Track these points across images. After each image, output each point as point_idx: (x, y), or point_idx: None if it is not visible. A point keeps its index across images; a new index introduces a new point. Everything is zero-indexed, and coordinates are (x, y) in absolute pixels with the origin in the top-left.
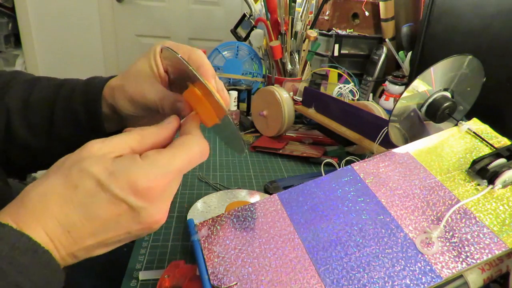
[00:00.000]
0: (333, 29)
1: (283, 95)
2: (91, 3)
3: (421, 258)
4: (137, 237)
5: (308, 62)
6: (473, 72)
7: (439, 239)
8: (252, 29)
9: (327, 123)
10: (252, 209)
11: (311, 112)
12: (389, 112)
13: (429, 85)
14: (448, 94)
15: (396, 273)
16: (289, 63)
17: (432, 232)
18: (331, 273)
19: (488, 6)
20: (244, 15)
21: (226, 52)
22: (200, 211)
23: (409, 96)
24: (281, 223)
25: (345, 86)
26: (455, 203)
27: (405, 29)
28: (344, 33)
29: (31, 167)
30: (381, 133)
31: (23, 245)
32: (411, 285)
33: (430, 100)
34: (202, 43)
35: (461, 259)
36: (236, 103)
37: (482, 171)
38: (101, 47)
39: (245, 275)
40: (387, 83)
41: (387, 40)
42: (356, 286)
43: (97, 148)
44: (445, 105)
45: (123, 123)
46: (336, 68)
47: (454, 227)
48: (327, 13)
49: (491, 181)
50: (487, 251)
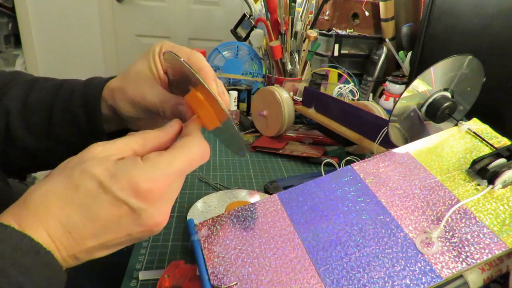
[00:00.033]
0: (333, 29)
1: (283, 95)
2: (91, 3)
3: (421, 258)
4: (138, 240)
5: (308, 62)
6: (473, 72)
7: (439, 239)
8: (252, 29)
9: (327, 123)
10: (252, 209)
11: (311, 112)
12: (389, 112)
13: (429, 85)
14: (448, 94)
15: (396, 273)
16: (289, 63)
17: (432, 232)
18: (331, 273)
19: (488, 6)
20: (244, 15)
21: (226, 52)
22: (200, 211)
23: (409, 96)
24: (281, 223)
25: (345, 86)
26: (455, 203)
27: (405, 29)
28: (344, 33)
29: (30, 167)
30: (381, 133)
31: (25, 246)
32: (411, 285)
33: (430, 100)
34: (202, 43)
35: (461, 259)
36: (236, 103)
37: (482, 171)
38: (101, 47)
39: (245, 275)
40: (387, 83)
41: (387, 40)
42: (356, 286)
43: (99, 150)
44: (445, 105)
45: (123, 123)
46: (336, 68)
47: (454, 227)
48: (327, 13)
49: (491, 181)
50: (487, 251)
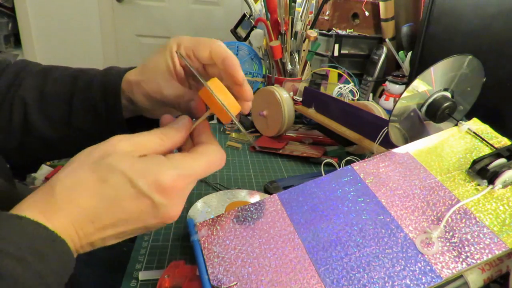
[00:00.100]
0: (333, 29)
1: (283, 95)
2: (91, 3)
3: (421, 258)
4: (150, 230)
5: (308, 62)
6: (473, 72)
7: (439, 239)
8: (252, 29)
9: (327, 123)
10: (252, 209)
11: (311, 112)
12: (389, 112)
13: (429, 85)
14: (448, 94)
15: (396, 273)
16: (289, 63)
17: (432, 232)
18: (331, 273)
19: (488, 6)
20: (244, 15)
21: None
22: (200, 211)
23: (409, 96)
24: (281, 223)
25: (345, 86)
26: (455, 203)
27: (405, 29)
28: (344, 33)
29: (46, 157)
30: (381, 133)
31: (42, 235)
32: (411, 285)
33: (430, 100)
34: None
35: (461, 259)
36: None
37: (482, 171)
38: (101, 47)
39: (245, 275)
40: (387, 83)
41: (387, 40)
42: (356, 286)
43: (122, 145)
44: (445, 105)
45: (138, 111)
46: (336, 68)
47: (454, 227)
48: (327, 13)
49: (491, 181)
50: (487, 251)
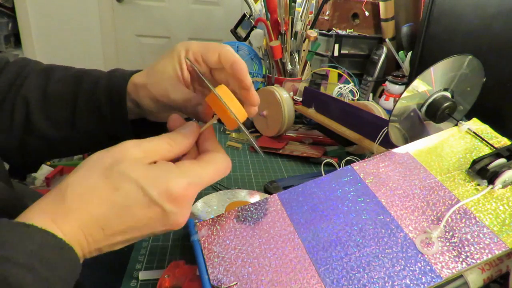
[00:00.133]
0: (333, 29)
1: (283, 95)
2: (91, 3)
3: (421, 258)
4: (157, 235)
5: (308, 62)
6: (473, 72)
7: (439, 239)
8: (252, 29)
9: (327, 123)
10: (252, 209)
11: (311, 112)
12: (389, 112)
13: (429, 85)
14: (448, 94)
15: (396, 273)
16: (289, 63)
17: (432, 232)
18: (331, 273)
19: (488, 6)
20: (244, 15)
21: None
22: (200, 211)
23: (409, 96)
24: (281, 223)
25: (345, 86)
26: (455, 203)
27: (405, 29)
28: (344, 33)
29: (47, 157)
30: (381, 133)
31: (50, 242)
32: (411, 285)
33: (430, 100)
34: None
35: (461, 259)
36: None
37: (482, 171)
38: (101, 47)
39: (245, 275)
40: (387, 83)
41: (387, 40)
42: (356, 286)
43: (133, 152)
44: (445, 105)
45: (143, 114)
46: (336, 68)
47: (454, 227)
48: (327, 13)
49: (491, 181)
50: (487, 251)
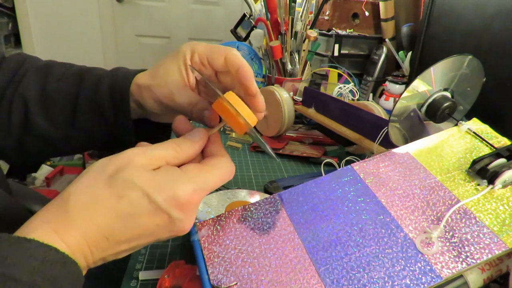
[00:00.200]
0: (333, 29)
1: (283, 95)
2: (91, 3)
3: (421, 258)
4: (161, 241)
5: (308, 62)
6: (473, 72)
7: (439, 239)
8: (252, 29)
9: (327, 123)
10: (252, 209)
11: (311, 112)
12: (389, 112)
13: (429, 85)
14: (448, 94)
15: (396, 273)
16: (289, 63)
17: (432, 232)
18: (331, 273)
19: (488, 6)
20: (244, 15)
21: None
22: (200, 211)
23: (409, 96)
24: (281, 223)
25: (345, 86)
26: (455, 203)
27: (405, 29)
28: (344, 33)
29: (46, 156)
30: (381, 133)
31: (53, 258)
32: (411, 285)
33: (430, 100)
34: None
35: (461, 259)
36: None
37: (482, 171)
38: (101, 47)
39: (245, 275)
40: (387, 83)
41: (387, 40)
42: (356, 286)
43: (136, 159)
44: (445, 105)
45: (145, 115)
46: (336, 68)
47: (454, 227)
48: (327, 13)
49: (491, 181)
50: (487, 251)
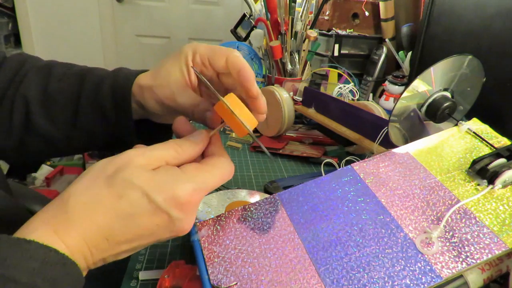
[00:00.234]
0: (333, 29)
1: (283, 95)
2: (91, 3)
3: (421, 258)
4: (161, 242)
5: (308, 62)
6: (473, 72)
7: (439, 239)
8: (252, 29)
9: (327, 123)
10: (252, 209)
11: (311, 112)
12: (389, 112)
13: (429, 85)
14: (448, 94)
15: (396, 273)
16: (289, 63)
17: (432, 232)
18: (331, 273)
19: (488, 6)
20: (244, 15)
21: None
22: (200, 211)
23: (409, 96)
24: (281, 223)
25: (345, 86)
26: (455, 203)
27: (405, 29)
28: (344, 33)
29: (47, 156)
30: (381, 133)
31: (53, 259)
32: (411, 285)
33: (430, 100)
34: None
35: (461, 259)
36: None
37: (482, 171)
38: (101, 47)
39: (245, 275)
40: (387, 83)
41: (387, 40)
42: (356, 286)
43: (136, 160)
44: (445, 105)
45: (147, 116)
46: (336, 68)
47: (454, 227)
48: (327, 13)
49: (491, 181)
50: (487, 251)
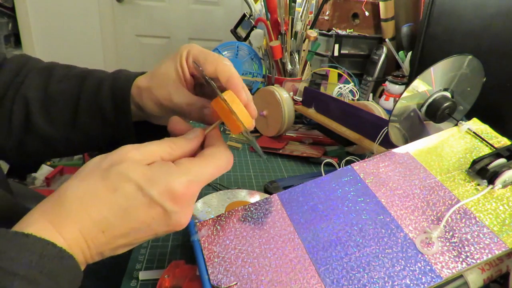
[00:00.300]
0: (333, 29)
1: (283, 95)
2: (91, 3)
3: (421, 258)
4: (159, 236)
5: (308, 62)
6: (473, 72)
7: (439, 239)
8: (252, 29)
9: (327, 123)
10: (252, 209)
11: (311, 112)
12: (389, 112)
13: (429, 85)
14: (448, 94)
15: (396, 273)
16: (289, 63)
17: (432, 232)
18: (331, 273)
19: (488, 6)
20: (244, 15)
21: (226, 52)
22: (200, 211)
23: (409, 96)
24: (281, 223)
25: (345, 86)
26: (455, 203)
27: (405, 29)
28: (344, 33)
29: (47, 156)
30: (381, 133)
31: (50, 252)
32: (411, 285)
33: (430, 100)
34: (202, 43)
35: (461, 259)
36: None
37: (482, 171)
38: (101, 47)
39: (245, 275)
40: (387, 83)
41: (387, 40)
42: (356, 286)
43: (131, 154)
44: (445, 105)
45: (145, 118)
46: (336, 68)
47: (454, 227)
48: (327, 13)
49: (491, 181)
50: (487, 251)
